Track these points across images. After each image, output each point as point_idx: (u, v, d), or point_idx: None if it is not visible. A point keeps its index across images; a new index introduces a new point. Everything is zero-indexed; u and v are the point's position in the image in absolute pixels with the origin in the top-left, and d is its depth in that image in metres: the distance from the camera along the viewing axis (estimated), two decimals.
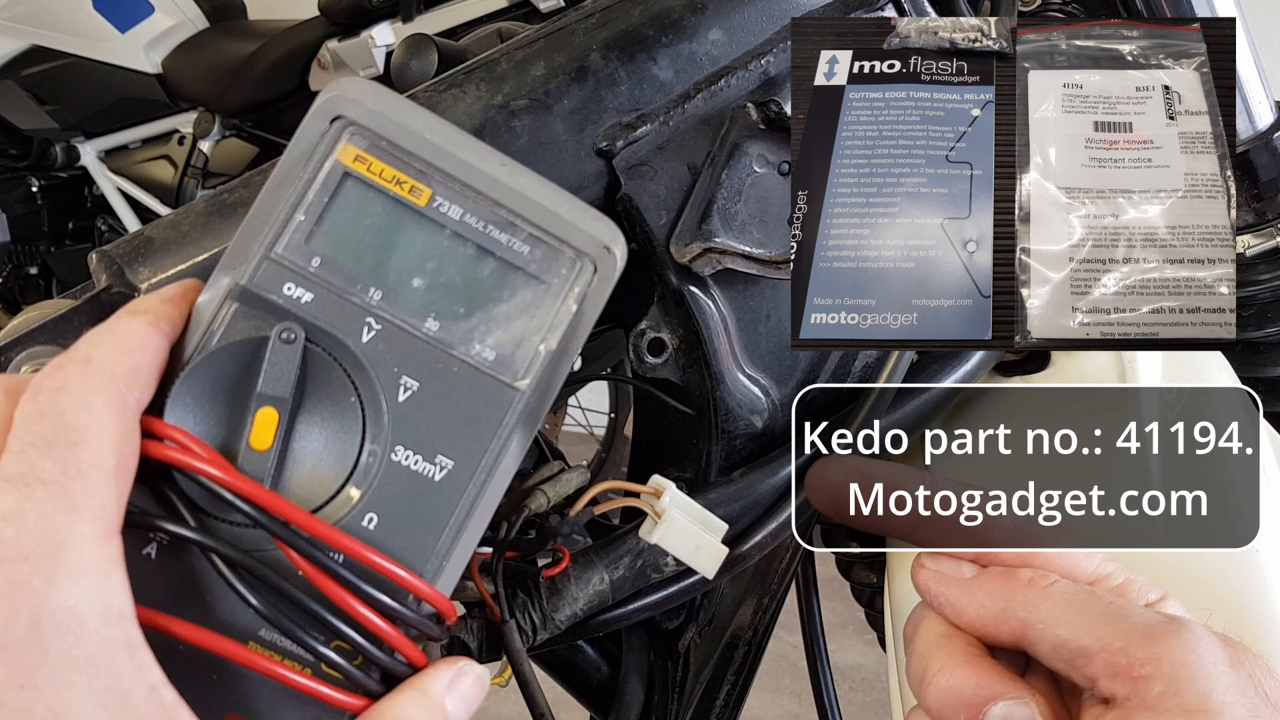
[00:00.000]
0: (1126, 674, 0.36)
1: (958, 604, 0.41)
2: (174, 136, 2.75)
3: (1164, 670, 0.35)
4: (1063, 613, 0.38)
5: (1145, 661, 0.35)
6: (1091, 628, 0.37)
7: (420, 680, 0.37)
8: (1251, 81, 0.60)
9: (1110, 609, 0.38)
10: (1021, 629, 0.39)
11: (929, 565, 0.42)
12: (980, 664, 0.39)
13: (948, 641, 0.40)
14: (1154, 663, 0.35)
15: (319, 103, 0.38)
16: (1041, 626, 0.38)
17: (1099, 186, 0.64)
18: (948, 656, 0.39)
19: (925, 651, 0.40)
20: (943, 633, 0.40)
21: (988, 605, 0.40)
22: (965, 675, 0.38)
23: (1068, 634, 0.38)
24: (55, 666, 0.30)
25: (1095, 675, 0.37)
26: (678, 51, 0.53)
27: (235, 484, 0.35)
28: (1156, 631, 0.36)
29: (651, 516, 0.48)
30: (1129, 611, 0.38)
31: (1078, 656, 0.37)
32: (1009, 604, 0.39)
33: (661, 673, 0.68)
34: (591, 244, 0.39)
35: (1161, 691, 0.35)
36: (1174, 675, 0.35)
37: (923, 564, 0.42)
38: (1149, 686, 0.35)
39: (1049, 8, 0.64)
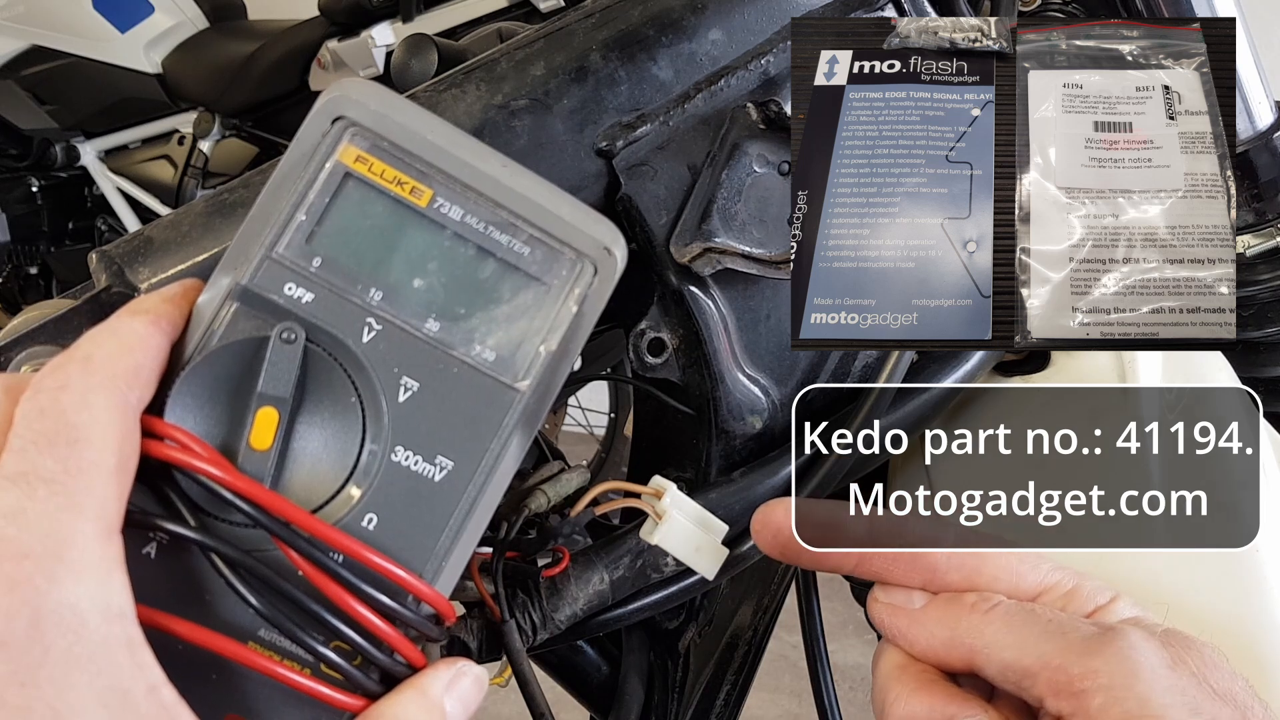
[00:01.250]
0: (1068, 690, 0.36)
1: (909, 634, 0.41)
2: (174, 136, 2.75)
3: (1101, 682, 0.35)
4: (1005, 635, 0.38)
5: (1084, 676, 0.36)
6: (1032, 647, 0.37)
7: (419, 680, 0.37)
8: (1251, 81, 0.60)
9: (1049, 626, 0.38)
10: (969, 655, 0.39)
11: (880, 598, 0.42)
12: (933, 689, 0.39)
13: (901, 671, 0.40)
14: (1091, 676, 0.36)
15: (320, 103, 0.38)
16: (987, 651, 0.39)
17: (1099, 186, 0.64)
18: (901, 686, 0.40)
19: (883, 683, 0.41)
20: (898, 663, 0.41)
21: (936, 634, 0.40)
22: (919, 701, 0.39)
23: (1011, 656, 0.38)
24: (56, 665, 0.30)
25: (1041, 695, 0.37)
26: (678, 51, 0.53)
27: (235, 483, 0.35)
28: (1093, 644, 0.36)
29: (652, 517, 0.48)
30: (1067, 626, 0.38)
31: (1023, 678, 0.37)
32: (955, 631, 0.40)
33: (661, 673, 0.68)
34: (592, 245, 0.39)
35: (1102, 703, 0.35)
36: (1110, 685, 0.35)
37: (875, 597, 0.42)
38: (1090, 700, 0.35)
39: (1049, 8, 0.64)
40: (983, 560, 0.41)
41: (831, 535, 0.42)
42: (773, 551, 0.43)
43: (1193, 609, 0.54)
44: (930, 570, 0.42)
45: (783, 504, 0.42)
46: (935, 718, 0.38)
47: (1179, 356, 0.60)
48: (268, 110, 2.58)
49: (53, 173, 2.92)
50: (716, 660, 0.71)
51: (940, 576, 0.41)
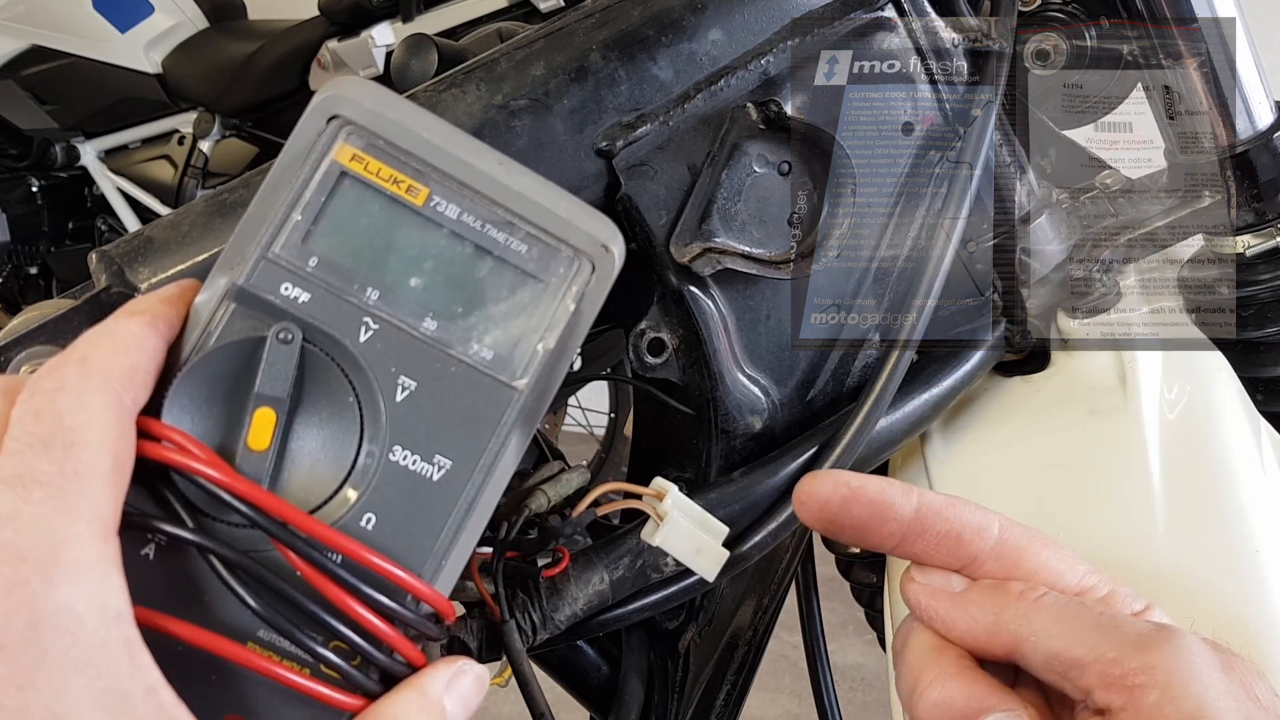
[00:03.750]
0: (1121, 684, 0.36)
1: (948, 618, 0.40)
2: (174, 136, 2.75)
3: (1158, 679, 0.35)
4: (1054, 625, 0.38)
5: (1139, 671, 0.35)
6: (1084, 639, 0.37)
7: (419, 680, 0.37)
8: (1251, 81, 0.59)
9: (1102, 620, 0.38)
10: (1013, 642, 0.39)
11: (919, 579, 0.42)
12: (972, 676, 0.39)
13: (938, 654, 0.40)
14: (1148, 672, 0.35)
15: (315, 102, 0.38)
16: (1034, 639, 0.38)
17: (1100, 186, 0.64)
18: (939, 669, 0.39)
19: (916, 664, 0.40)
20: (933, 645, 0.40)
21: (979, 619, 0.40)
22: (957, 687, 0.38)
23: (1060, 646, 0.37)
24: (54, 667, 0.30)
25: (1090, 686, 0.36)
26: (678, 51, 0.53)
27: (233, 484, 0.35)
28: (1149, 640, 0.36)
29: (654, 519, 0.48)
30: (1120, 622, 0.37)
31: (1071, 668, 0.37)
32: (1000, 617, 0.39)
33: (661, 673, 0.68)
34: (589, 243, 0.39)
35: (1157, 700, 0.35)
36: (1168, 684, 0.35)
37: (912, 577, 0.42)
38: (1144, 696, 0.35)
39: (1049, 7, 0.63)
40: (1022, 554, 0.41)
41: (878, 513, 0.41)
42: (816, 525, 0.42)
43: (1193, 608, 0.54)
44: (970, 558, 0.41)
45: (830, 476, 0.42)
46: (973, 706, 0.38)
47: (1179, 356, 0.60)
48: (268, 110, 2.58)
49: (53, 173, 2.92)
50: (716, 660, 0.71)
51: (979, 565, 0.41)
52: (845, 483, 0.41)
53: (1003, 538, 0.41)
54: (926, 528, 0.41)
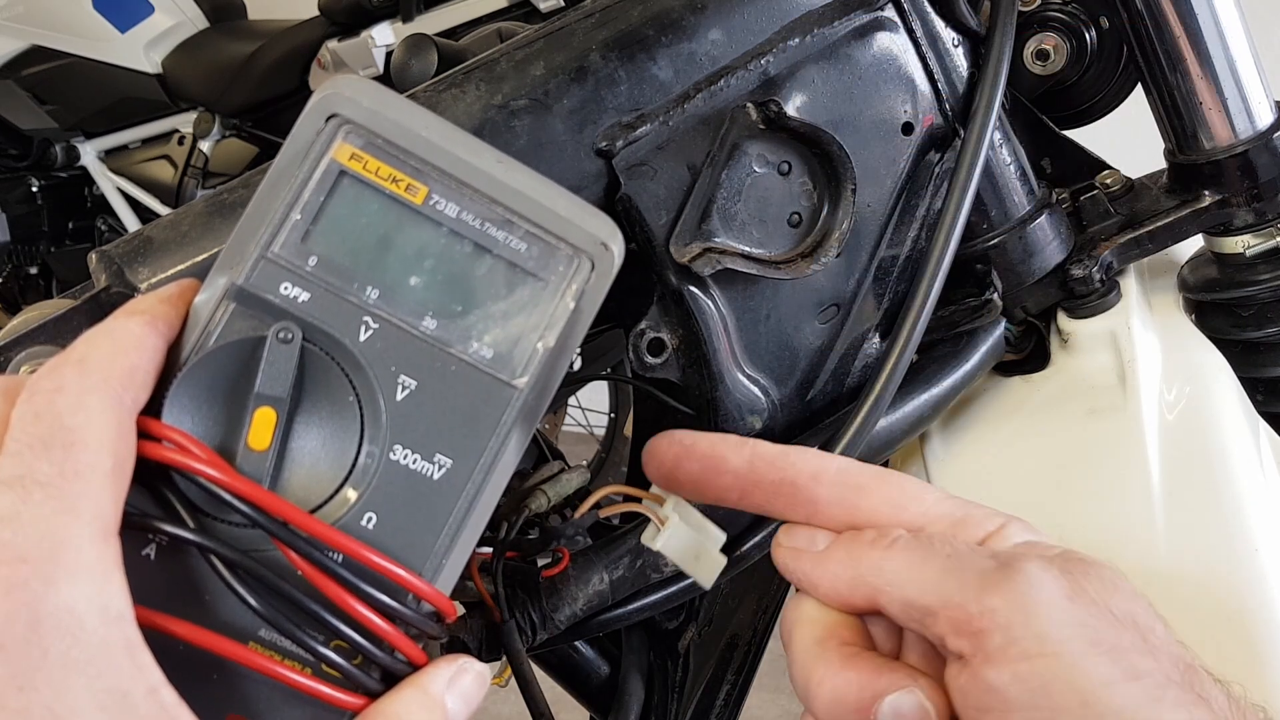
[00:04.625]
0: (967, 629, 0.35)
1: (812, 577, 0.40)
2: (174, 136, 2.75)
3: (999, 620, 0.34)
4: (905, 571, 0.37)
5: (982, 615, 0.35)
6: (933, 585, 0.36)
7: (420, 678, 0.37)
8: (1251, 81, 0.59)
9: (948, 562, 0.37)
10: (873, 594, 0.38)
11: (784, 541, 0.41)
12: (858, 663, 0.38)
13: (821, 648, 0.39)
14: (989, 614, 0.35)
15: (314, 101, 0.38)
16: (889, 590, 0.37)
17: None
18: (825, 664, 0.38)
19: (803, 661, 0.39)
20: (815, 638, 0.39)
21: (840, 574, 0.39)
22: (845, 680, 0.37)
23: (913, 593, 0.37)
24: (54, 668, 0.30)
25: (942, 634, 0.36)
26: (678, 51, 0.53)
27: (233, 484, 0.35)
28: (989, 580, 0.35)
29: (654, 523, 0.48)
30: (965, 562, 0.36)
31: (925, 616, 0.36)
32: (857, 570, 0.38)
33: (661, 673, 0.68)
34: (589, 241, 0.39)
35: (1001, 643, 0.34)
36: (1009, 624, 0.34)
37: (778, 541, 0.41)
38: (989, 639, 0.34)
39: (1049, 8, 0.63)
40: (861, 493, 0.40)
41: (711, 466, 0.41)
42: (659, 482, 0.43)
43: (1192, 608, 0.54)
44: (811, 504, 0.40)
45: (668, 437, 0.42)
46: (866, 695, 0.37)
47: (1179, 357, 0.60)
48: (268, 110, 2.58)
49: (53, 173, 2.92)
50: (716, 660, 0.71)
51: (822, 510, 0.40)
52: (679, 440, 0.42)
53: (840, 479, 0.40)
54: (760, 478, 0.40)
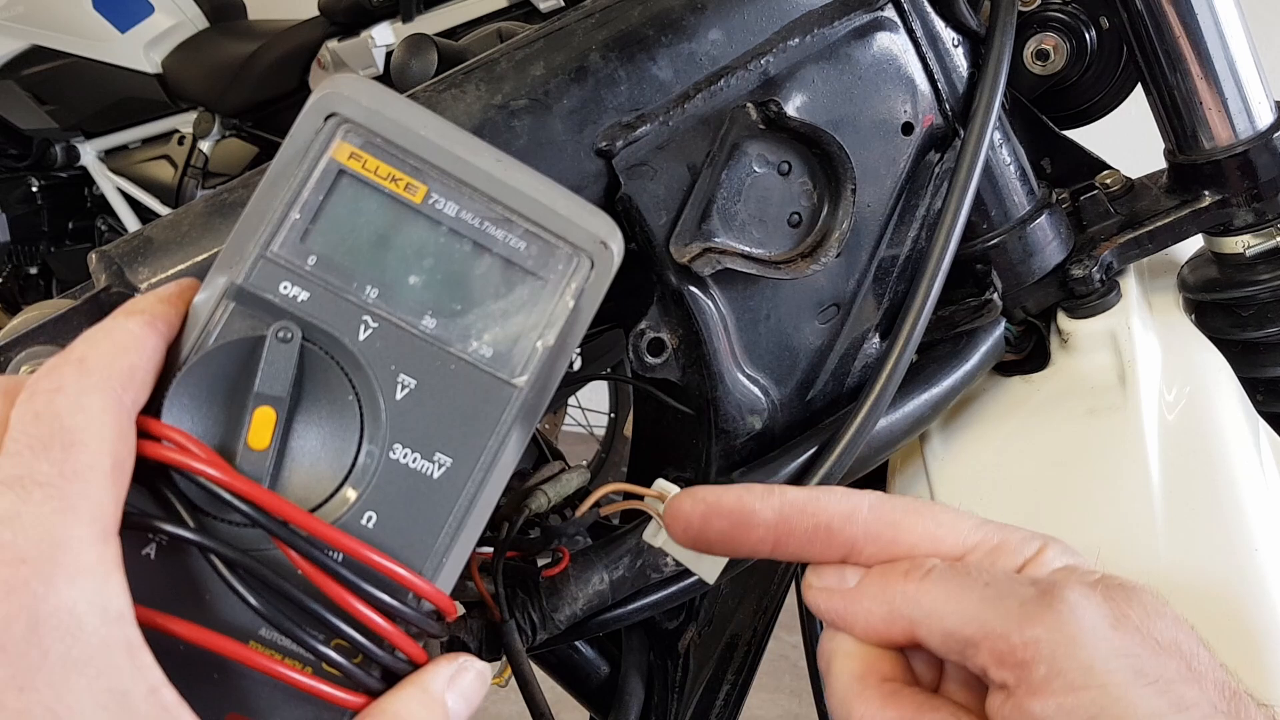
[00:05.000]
0: (1010, 661, 0.35)
1: (847, 616, 0.39)
2: (174, 136, 2.74)
3: (1044, 652, 0.34)
4: (944, 603, 0.37)
5: (1025, 646, 0.34)
6: (973, 615, 0.36)
7: (420, 677, 0.37)
8: (1251, 81, 0.59)
9: (987, 591, 0.36)
10: (910, 628, 0.37)
11: (814, 582, 0.40)
12: (899, 700, 0.37)
13: (862, 685, 0.38)
14: (1033, 646, 0.34)
15: (313, 100, 0.38)
16: (927, 622, 0.37)
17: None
18: (865, 703, 0.38)
19: (843, 697, 0.38)
20: (855, 674, 0.39)
21: (874, 611, 0.38)
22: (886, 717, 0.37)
23: (952, 625, 0.36)
24: (54, 668, 0.30)
25: (984, 665, 0.35)
26: (677, 51, 0.53)
27: (233, 484, 0.35)
28: (1031, 610, 0.35)
29: (655, 520, 0.48)
30: (1005, 590, 0.36)
31: (965, 648, 0.36)
32: (892, 605, 0.38)
33: (661, 673, 0.68)
34: (588, 239, 0.39)
35: (1045, 674, 0.34)
36: (1053, 655, 0.34)
37: (809, 582, 0.40)
38: (1033, 671, 0.34)
39: (1049, 8, 0.63)
40: (897, 528, 0.39)
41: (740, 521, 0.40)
42: (687, 544, 0.42)
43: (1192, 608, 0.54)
44: (848, 545, 0.40)
45: (690, 495, 0.41)
46: None
47: (1179, 357, 0.60)
48: (268, 110, 2.58)
49: (53, 173, 2.92)
50: (716, 660, 0.71)
51: (859, 550, 0.40)
52: (703, 499, 0.40)
53: (873, 516, 0.39)
54: (793, 527, 0.40)
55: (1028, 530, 0.40)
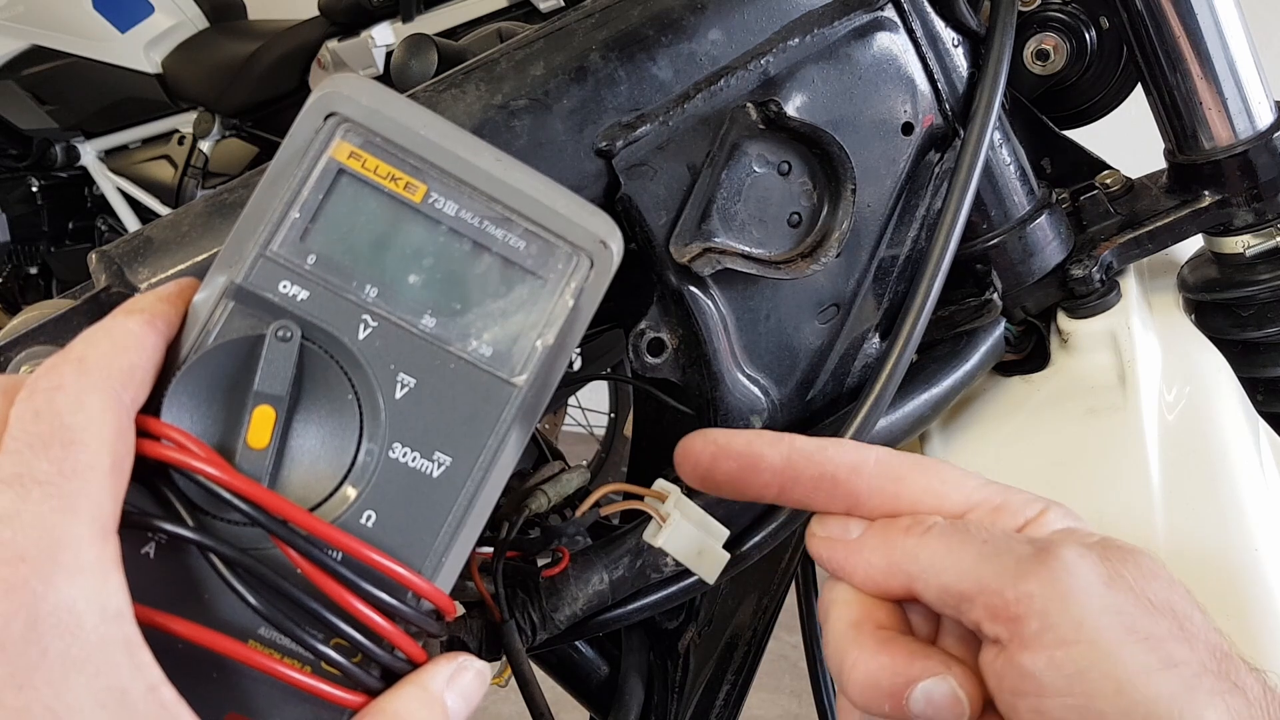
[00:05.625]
0: (1004, 615, 0.35)
1: (847, 566, 0.40)
2: (174, 136, 2.75)
3: (1036, 606, 0.34)
4: (941, 557, 0.37)
5: (1018, 601, 0.35)
6: (969, 570, 0.36)
7: (420, 676, 0.37)
8: (1251, 81, 0.59)
9: (985, 548, 0.37)
10: (908, 581, 0.38)
11: (817, 531, 0.41)
12: (892, 648, 0.38)
13: (857, 631, 0.39)
14: (1026, 600, 0.35)
15: (312, 100, 0.38)
16: (925, 576, 0.37)
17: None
18: (859, 648, 0.38)
19: (838, 644, 0.39)
20: (851, 621, 0.39)
21: (874, 562, 0.39)
22: (879, 664, 0.37)
23: (949, 579, 0.37)
24: (53, 666, 0.30)
25: (978, 619, 0.36)
26: (677, 51, 0.53)
27: (233, 483, 0.35)
28: (1026, 566, 0.35)
29: (656, 520, 0.48)
30: (1002, 547, 0.37)
31: (961, 602, 0.36)
32: (891, 558, 0.38)
33: (661, 673, 0.68)
34: (587, 239, 0.39)
35: (1037, 629, 0.34)
36: (1045, 610, 0.34)
37: (812, 531, 0.41)
38: (1025, 625, 0.35)
39: (1049, 8, 0.64)
40: (901, 483, 0.40)
41: (749, 464, 0.41)
42: (695, 483, 0.42)
43: None
44: (852, 497, 0.40)
45: (702, 435, 0.41)
46: (899, 681, 0.37)
47: (1178, 357, 0.60)
48: (268, 110, 2.58)
49: (53, 173, 2.92)
50: (716, 660, 0.71)
51: (863, 503, 0.40)
52: (713, 439, 0.41)
53: (879, 470, 0.40)
54: (799, 473, 0.40)
55: (1031, 493, 0.40)
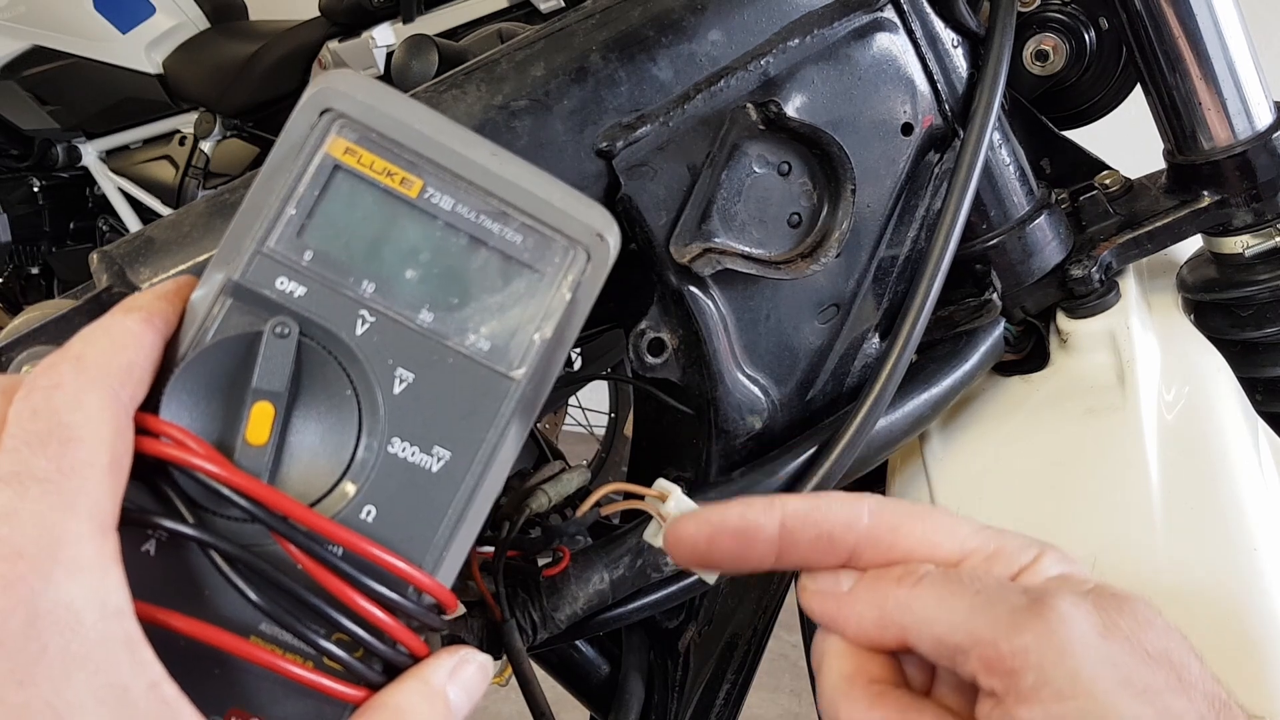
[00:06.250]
0: (999, 668, 0.35)
1: (839, 619, 0.39)
2: (175, 137, 2.75)
3: (1031, 660, 0.34)
4: (934, 609, 0.37)
5: (1013, 654, 0.35)
6: (962, 622, 0.36)
7: (421, 670, 0.37)
8: (1250, 82, 0.59)
9: (977, 599, 0.36)
10: (901, 633, 0.38)
11: (809, 585, 0.40)
12: (884, 703, 0.38)
13: (849, 685, 0.38)
14: (1022, 654, 0.34)
15: (308, 96, 0.38)
16: (918, 627, 0.37)
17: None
18: (851, 703, 0.38)
19: (830, 696, 0.39)
20: (844, 674, 0.39)
21: (866, 615, 0.39)
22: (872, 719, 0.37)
23: (942, 631, 0.36)
24: (53, 663, 0.30)
25: (974, 671, 0.36)
26: (677, 52, 0.53)
27: (232, 479, 0.35)
28: (1021, 619, 0.35)
29: (656, 520, 0.48)
30: (995, 598, 0.36)
31: (955, 654, 0.36)
32: (884, 609, 0.38)
33: (661, 672, 0.68)
34: (584, 232, 0.39)
35: (1033, 683, 0.34)
36: (1041, 664, 0.34)
37: (804, 585, 0.41)
38: (1021, 679, 0.34)
39: (1049, 8, 0.64)
40: (897, 533, 0.40)
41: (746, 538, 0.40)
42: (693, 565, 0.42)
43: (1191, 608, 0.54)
44: (849, 551, 0.40)
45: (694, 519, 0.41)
46: None
47: (1178, 357, 0.60)
48: (269, 111, 2.58)
49: (54, 173, 2.92)
50: (716, 659, 0.71)
51: (860, 556, 0.40)
52: (706, 520, 0.40)
53: (874, 522, 0.40)
54: (796, 538, 0.40)
55: (1026, 537, 0.40)
